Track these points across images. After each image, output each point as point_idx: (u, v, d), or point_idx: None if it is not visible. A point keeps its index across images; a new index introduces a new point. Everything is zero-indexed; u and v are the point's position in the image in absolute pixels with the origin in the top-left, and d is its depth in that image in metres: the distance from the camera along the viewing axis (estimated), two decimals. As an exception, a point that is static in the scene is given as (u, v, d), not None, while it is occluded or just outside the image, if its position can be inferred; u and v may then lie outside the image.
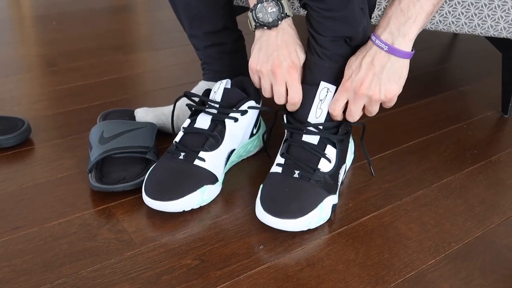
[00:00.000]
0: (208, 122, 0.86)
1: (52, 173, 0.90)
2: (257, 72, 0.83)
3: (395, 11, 0.75)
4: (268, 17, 0.79)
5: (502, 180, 0.92)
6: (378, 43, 0.76)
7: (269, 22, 0.79)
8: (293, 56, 0.80)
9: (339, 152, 0.82)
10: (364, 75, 0.76)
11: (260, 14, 0.79)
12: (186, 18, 1.02)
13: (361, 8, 0.77)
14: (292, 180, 0.78)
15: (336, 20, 0.76)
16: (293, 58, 0.80)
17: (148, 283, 0.67)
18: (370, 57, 0.76)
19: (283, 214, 0.74)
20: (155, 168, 0.82)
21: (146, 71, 1.41)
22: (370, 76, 0.76)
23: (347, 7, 0.75)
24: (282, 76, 0.80)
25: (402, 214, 0.82)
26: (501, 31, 1.03)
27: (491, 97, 1.26)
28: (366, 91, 0.77)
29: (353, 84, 0.77)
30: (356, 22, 0.77)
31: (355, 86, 0.77)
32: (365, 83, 0.76)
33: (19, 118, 1.02)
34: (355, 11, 0.76)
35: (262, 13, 0.79)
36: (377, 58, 0.76)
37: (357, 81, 0.77)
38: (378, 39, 0.76)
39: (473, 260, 0.72)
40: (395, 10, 0.75)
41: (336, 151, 0.81)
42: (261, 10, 0.80)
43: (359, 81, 0.76)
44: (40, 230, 0.76)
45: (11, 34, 1.77)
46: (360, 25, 0.78)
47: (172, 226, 0.77)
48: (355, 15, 0.77)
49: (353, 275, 0.69)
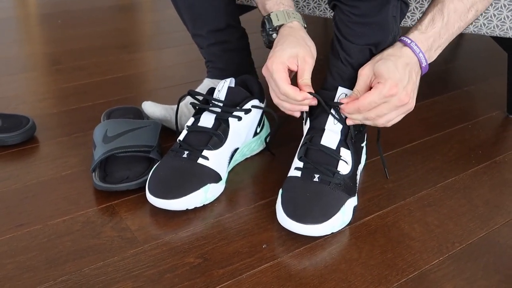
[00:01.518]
0: (212, 120, 0.86)
1: (57, 171, 0.90)
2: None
3: (435, 34, 0.76)
4: (264, 35, 0.85)
5: (507, 180, 0.91)
6: (421, 56, 0.75)
7: (266, 41, 0.86)
8: (275, 50, 0.78)
9: (354, 153, 0.81)
10: (412, 87, 0.74)
11: (264, 35, 0.86)
12: (189, 18, 1.02)
13: (393, 16, 0.77)
14: (312, 184, 0.76)
15: (367, 26, 0.76)
16: (273, 53, 0.78)
17: (151, 281, 0.67)
18: (413, 69, 0.75)
19: (306, 219, 0.73)
20: (159, 167, 0.82)
21: (150, 70, 1.42)
22: (415, 87, 0.75)
23: (381, 14, 0.75)
24: (266, 73, 0.79)
25: (405, 214, 0.82)
26: (507, 31, 1.03)
27: (496, 97, 1.25)
28: (411, 101, 0.74)
29: (402, 92, 0.73)
30: (389, 29, 0.77)
31: (404, 95, 0.73)
32: (412, 93, 0.74)
33: (24, 116, 1.03)
34: (388, 19, 0.76)
35: (264, 34, 0.86)
36: (415, 68, 0.75)
37: (406, 91, 0.73)
38: (422, 53, 0.75)
39: (477, 260, 0.72)
40: (437, 33, 0.76)
41: (351, 152, 0.80)
42: (263, 32, 0.86)
43: (408, 91, 0.73)
44: (44, 227, 0.76)
45: (17, 32, 1.78)
46: (391, 33, 0.78)
47: (175, 225, 0.77)
48: (388, 22, 0.76)
49: (356, 274, 0.69)
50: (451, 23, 0.77)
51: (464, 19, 0.77)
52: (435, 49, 0.77)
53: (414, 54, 0.75)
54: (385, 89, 0.72)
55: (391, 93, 0.72)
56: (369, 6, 0.74)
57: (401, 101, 0.73)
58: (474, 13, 0.78)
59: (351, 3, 0.75)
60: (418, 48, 0.75)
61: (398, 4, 0.77)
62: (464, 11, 0.77)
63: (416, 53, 0.75)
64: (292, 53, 0.78)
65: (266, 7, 0.85)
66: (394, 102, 0.73)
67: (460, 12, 0.76)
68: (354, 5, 0.75)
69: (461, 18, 0.77)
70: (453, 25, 0.77)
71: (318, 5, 1.17)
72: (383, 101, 0.73)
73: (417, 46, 0.76)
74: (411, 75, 0.74)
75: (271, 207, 0.81)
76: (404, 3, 0.78)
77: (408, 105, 0.74)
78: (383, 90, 0.72)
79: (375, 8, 0.74)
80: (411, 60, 0.75)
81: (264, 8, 0.86)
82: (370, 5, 0.74)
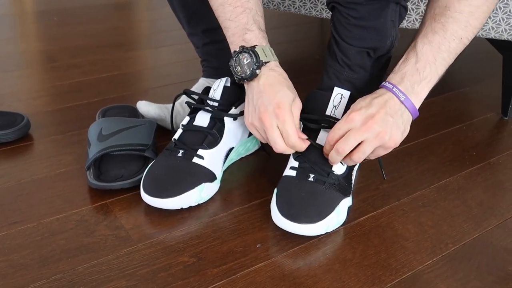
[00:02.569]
0: (207, 120, 0.86)
1: (51, 169, 0.90)
2: (252, 126, 0.77)
3: (410, 69, 0.73)
4: (245, 69, 0.75)
5: (501, 182, 0.92)
6: (395, 90, 0.73)
7: (246, 75, 0.75)
8: (279, 96, 0.73)
9: None
10: (376, 111, 0.71)
11: (238, 68, 0.76)
12: (184, 17, 1.02)
13: (392, 20, 0.76)
14: (307, 184, 0.76)
15: (365, 30, 0.76)
16: (278, 99, 0.73)
17: (145, 280, 0.67)
18: (383, 100, 0.72)
19: (301, 219, 0.73)
20: (154, 165, 0.82)
21: (146, 68, 1.41)
22: (382, 114, 0.71)
23: (380, 18, 0.75)
24: (270, 121, 0.73)
25: (400, 214, 0.82)
26: (502, 33, 1.03)
27: (491, 99, 1.26)
28: (376, 126, 0.70)
29: (363, 116, 0.71)
30: (386, 34, 0.77)
31: (365, 118, 0.71)
32: (376, 118, 0.70)
33: (19, 113, 1.02)
34: (387, 23, 0.76)
35: (239, 66, 0.76)
36: (391, 103, 0.72)
37: (368, 115, 0.71)
38: (395, 87, 0.73)
39: (470, 261, 0.72)
40: (410, 69, 0.73)
41: None
42: (238, 63, 0.76)
43: (370, 115, 0.71)
44: (38, 225, 0.76)
45: (12, 29, 1.77)
46: (389, 38, 0.77)
47: (169, 224, 0.77)
48: (386, 27, 0.76)
49: (350, 274, 0.69)
50: (428, 55, 0.74)
51: (446, 49, 0.74)
52: (419, 83, 0.74)
53: (387, 90, 0.73)
54: (347, 113, 0.72)
55: (351, 116, 0.71)
56: (368, 9, 0.74)
57: (363, 124, 0.70)
58: (458, 41, 0.75)
59: (349, 5, 0.75)
60: (390, 84, 0.73)
61: (397, 8, 0.77)
62: (442, 42, 0.74)
63: (389, 89, 0.73)
64: (293, 99, 0.75)
65: (246, 37, 0.76)
66: (357, 127, 0.71)
67: (438, 43, 0.74)
68: (352, 8, 0.75)
69: (442, 49, 0.74)
70: (432, 57, 0.74)
71: (314, 5, 1.17)
72: (347, 127, 0.72)
73: (389, 83, 0.74)
74: (378, 104, 0.71)
75: (266, 206, 0.82)
76: (403, 7, 0.78)
77: (373, 129, 0.70)
78: (345, 115, 0.72)
79: (373, 12, 0.74)
80: (382, 94, 0.73)
81: (243, 37, 0.76)
82: (368, 9, 0.74)
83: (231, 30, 0.78)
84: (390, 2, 0.74)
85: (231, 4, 0.77)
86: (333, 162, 0.76)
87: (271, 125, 0.73)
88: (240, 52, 0.75)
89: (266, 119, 0.73)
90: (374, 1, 0.73)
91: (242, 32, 0.77)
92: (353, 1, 0.74)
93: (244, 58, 0.75)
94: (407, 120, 0.74)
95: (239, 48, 0.76)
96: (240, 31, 0.77)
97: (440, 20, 0.74)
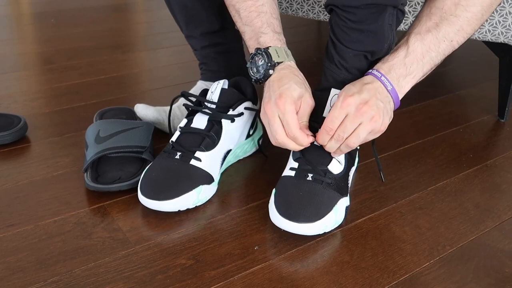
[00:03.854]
0: (204, 122, 0.86)
1: (48, 171, 0.90)
2: (261, 118, 0.78)
3: (397, 62, 0.76)
4: (260, 70, 0.78)
5: (498, 184, 0.92)
6: (383, 80, 0.75)
7: (260, 76, 0.78)
8: (283, 88, 0.74)
9: (348, 154, 0.81)
10: (369, 97, 0.72)
11: (254, 69, 0.79)
12: (183, 19, 1.02)
13: (389, 24, 0.77)
14: (305, 183, 0.77)
15: (362, 33, 0.76)
16: (282, 90, 0.74)
17: (142, 282, 0.66)
18: (374, 87, 0.74)
19: (299, 218, 0.73)
20: (151, 167, 0.82)
21: (144, 70, 1.41)
22: (374, 100, 0.73)
23: (377, 22, 0.75)
24: (271, 110, 0.74)
25: (397, 216, 0.82)
26: (499, 36, 1.04)
27: (487, 101, 1.26)
28: (371, 110, 0.72)
29: (357, 101, 0.72)
30: (384, 37, 0.77)
31: (359, 103, 0.72)
32: (370, 103, 0.72)
33: (16, 115, 1.02)
34: (384, 27, 0.76)
35: (255, 67, 0.79)
36: (380, 90, 0.74)
37: (362, 100, 0.72)
38: (384, 77, 0.75)
39: (467, 263, 0.73)
40: (398, 61, 0.76)
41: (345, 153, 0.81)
42: (254, 65, 0.79)
43: (363, 100, 0.72)
44: (35, 228, 0.76)
45: (9, 31, 1.77)
46: (386, 41, 0.78)
47: (167, 226, 0.77)
48: (384, 30, 0.77)
49: (347, 277, 0.69)
50: (418, 52, 0.76)
51: (436, 49, 0.77)
52: (405, 76, 0.76)
53: (374, 77, 0.75)
54: (340, 100, 0.73)
55: (346, 102, 0.72)
56: (366, 13, 0.74)
57: (358, 109, 0.72)
58: (448, 43, 0.77)
59: (347, 9, 0.75)
60: (379, 73, 0.76)
61: (395, 12, 0.77)
62: (433, 41, 0.77)
63: (377, 77, 0.75)
64: (300, 93, 0.75)
65: (260, 40, 0.79)
66: (354, 112, 0.72)
67: (429, 42, 0.77)
68: (350, 11, 0.75)
69: (431, 48, 0.77)
70: (421, 54, 0.76)
71: (312, 7, 1.17)
72: (343, 113, 0.73)
73: (377, 71, 0.76)
74: (369, 90, 0.73)
75: (263, 208, 0.82)
76: (400, 11, 0.78)
77: (367, 113, 0.72)
78: (339, 102, 0.73)
79: (371, 15, 0.74)
80: (371, 81, 0.75)
81: (258, 41, 0.79)
82: (366, 12, 0.74)
83: (248, 35, 0.81)
84: (387, 6, 0.75)
85: (246, 9, 0.80)
86: (331, 149, 0.77)
87: (273, 115, 0.74)
88: (255, 54, 0.79)
89: (268, 109, 0.75)
90: (372, 5, 0.74)
91: (257, 36, 0.79)
92: (351, 4, 0.75)
93: (259, 60, 0.78)
94: (391, 108, 0.77)
95: (254, 50, 0.79)
96: (255, 35, 0.80)
97: (435, 20, 0.77)
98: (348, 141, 0.74)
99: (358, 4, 0.74)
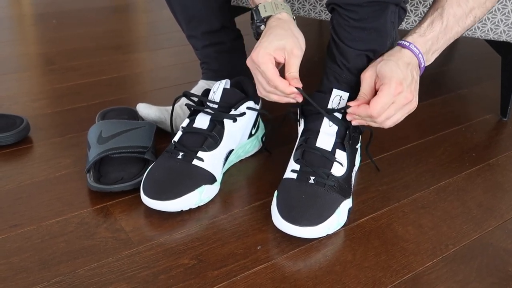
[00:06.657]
0: (207, 122, 0.86)
1: (50, 172, 0.90)
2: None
3: (433, 38, 0.77)
4: (253, 28, 0.82)
5: (500, 183, 0.92)
6: (420, 58, 0.77)
7: (253, 34, 0.82)
8: (261, 41, 0.75)
9: (350, 155, 0.81)
10: (412, 81, 0.74)
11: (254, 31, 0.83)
12: (184, 19, 1.02)
13: (391, 22, 0.77)
14: (308, 186, 0.77)
15: (364, 31, 0.76)
16: (258, 44, 0.75)
17: (145, 282, 0.66)
18: (414, 68, 0.76)
19: (302, 222, 0.73)
20: (154, 168, 0.82)
21: (145, 71, 1.41)
22: (415, 84, 0.75)
23: (379, 20, 0.75)
24: (251, 65, 0.77)
25: (399, 216, 0.82)
26: (501, 34, 1.04)
27: (490, 100, 1.26)
28: (412, 96, 0.74)
29: (405, 89, 0.73)
30: (386, 35, 0.77)
31: (407, 91, 0.73)
32: (412, 87, 0.74)
33: (18, 116, 1.02)
34: (387, 25, 0.76)
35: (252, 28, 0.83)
36: (416, 70, 0.76)
37: (408, 86, 0.73)
38: (421, 54, 0.76)
39: (470, 262, 0.72)
40: (433, 37, 0.77)
41: (347, 154, 0.80)
42: (253, 26, 0.83)
43: (409, 85, 0.73)
44: (38, 228, 0.76)
45: (11, 32, 1.77)
46: (388, 39, 0.78)
47: (169, 226, 0.77)
48: (386, 28, 0.77)
49: (350, 276, 0.69)
50: (449, 27, 0.78)
51: (462, 24, 0.79)
52: (433, 52, 0.78)
53: (413, 55, 0.76)
54: (392, 88, 0.72)
55: (398, 91, 0.72)
56: (368, 11, 0.74)
57: (406, 99, 0.73)
58: (472, 19, 0.79)
59: (349, 7, 0.75)
60: (417, 50, 0.76)
61: (397, 10, 0.77)
62: (462, 17, 0.78)
63: (415, 54, 0.76)
64: (279, 45, 0.75)
65: (255, 0, 0.82)
66: (401, 101, 0.73)
67: (459, 17, 0.78)
68: (352, 10, 0.75)
69: (459, 24, 0.78)
70: (451, 30, 0.78)
71: (313, 7, 1.17)
72: (392, 101, 0.73)
73: (416, 47, 0.77)
74: (413, 74, 0.75)
75: (266, 208, 0.82)
76: (402, 9, 0.78)
77: (413, 103, 0.75)
78: (390, 90, 0.72)
79: (373, 13, 0.74)
80: (411, 60, 0.76)
81: (253, 0, 0.82)
82: (368, 11, 0.74)
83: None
84: (389, 3, 0.75)
85: None
86: (359, 122, 0.78)
87: (252, 69, 0.77)
88: (251, 14, 0.82)
89: (248, 63, 0.77)
90: (374, 3, 0.74)
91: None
92: (353, 2, 0.75)
93: (253, 24, 0.82)
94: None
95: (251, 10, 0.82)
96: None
97: None
98: (385, 123, 0.76)
99: (360, 2, 0.74)
